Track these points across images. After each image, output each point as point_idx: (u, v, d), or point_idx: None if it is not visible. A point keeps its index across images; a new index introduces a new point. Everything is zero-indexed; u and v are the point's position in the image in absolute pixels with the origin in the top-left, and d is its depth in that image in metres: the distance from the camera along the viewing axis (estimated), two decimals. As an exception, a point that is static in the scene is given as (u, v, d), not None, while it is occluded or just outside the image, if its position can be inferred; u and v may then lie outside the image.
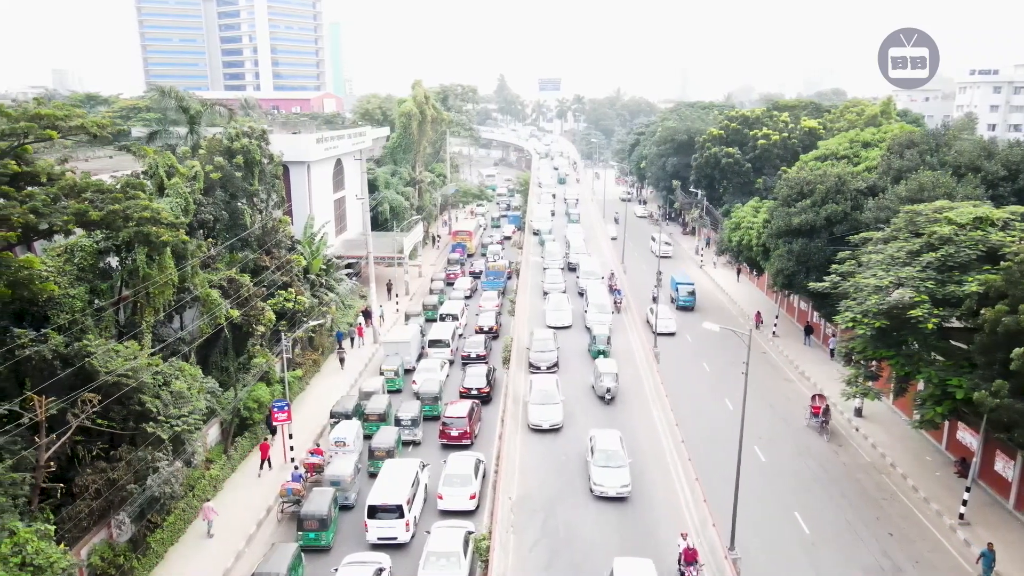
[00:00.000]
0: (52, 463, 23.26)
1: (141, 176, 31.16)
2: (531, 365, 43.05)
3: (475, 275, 67.55)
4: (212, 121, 45.62)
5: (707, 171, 65.06)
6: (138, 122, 75.57)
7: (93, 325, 28.54)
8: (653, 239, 76.65)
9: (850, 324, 28.72)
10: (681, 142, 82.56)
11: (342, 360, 45.36)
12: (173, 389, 27.31)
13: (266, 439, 34.41)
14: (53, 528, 19.90)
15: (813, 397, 37.82)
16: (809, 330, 50.40)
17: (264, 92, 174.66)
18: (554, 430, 35.76)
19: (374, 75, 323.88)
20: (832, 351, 47.66)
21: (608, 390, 38.39)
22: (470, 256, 77.14)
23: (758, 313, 53.56)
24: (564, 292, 57.96)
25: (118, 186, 22.34)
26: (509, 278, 65.35)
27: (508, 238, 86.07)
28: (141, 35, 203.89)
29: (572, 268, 66.81)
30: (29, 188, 21.36)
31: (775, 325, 51.68)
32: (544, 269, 65.67)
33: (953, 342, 27.40)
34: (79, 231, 26.29)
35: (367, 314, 51.97)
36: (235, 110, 45.83)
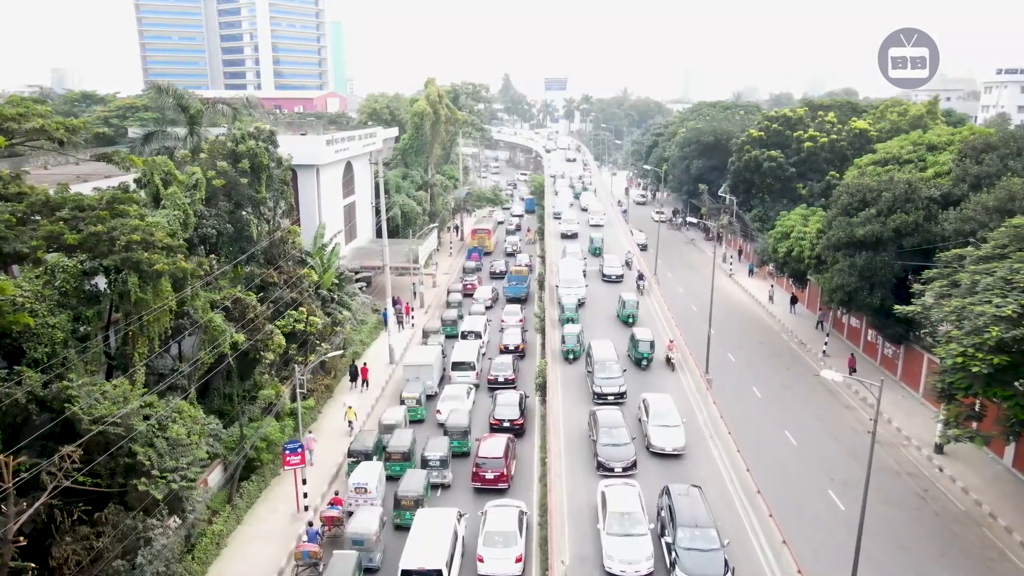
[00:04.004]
0: (22, 537, 19.17)
1: (134, 185, 27.06)
2: (600, 466, 28.39)
3: (497, 275, 66.58)
4: (214, 121, 41.57)
5: (746, 175, 60.73)
6: (135, 122, 71.65)
7: (77, 359, 24.53)
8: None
9: (959, 360, 24.57)
10: (707, 144, 78.43)
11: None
12: (170, 435, 23.27)
13: (364, 365, 41.44)
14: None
15: None
16: (794, 300, 55.68)
17: (265, 91, 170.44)
18: None
19: (376, 75, 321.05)
20: (820, 322, 51.01)
21: None
22: (487, 255, 75.28)
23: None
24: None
25: (103, 201, 18.21)
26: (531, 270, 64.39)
27: (525, 233, 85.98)
28: (139, 33, 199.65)
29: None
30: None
31: (825, 344, 47.56)
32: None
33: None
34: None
35: (395, 301, 51.28)
36: (239, 109, 41.64)
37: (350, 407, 36.63)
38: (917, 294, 31.49)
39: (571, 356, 39.02)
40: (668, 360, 38.24)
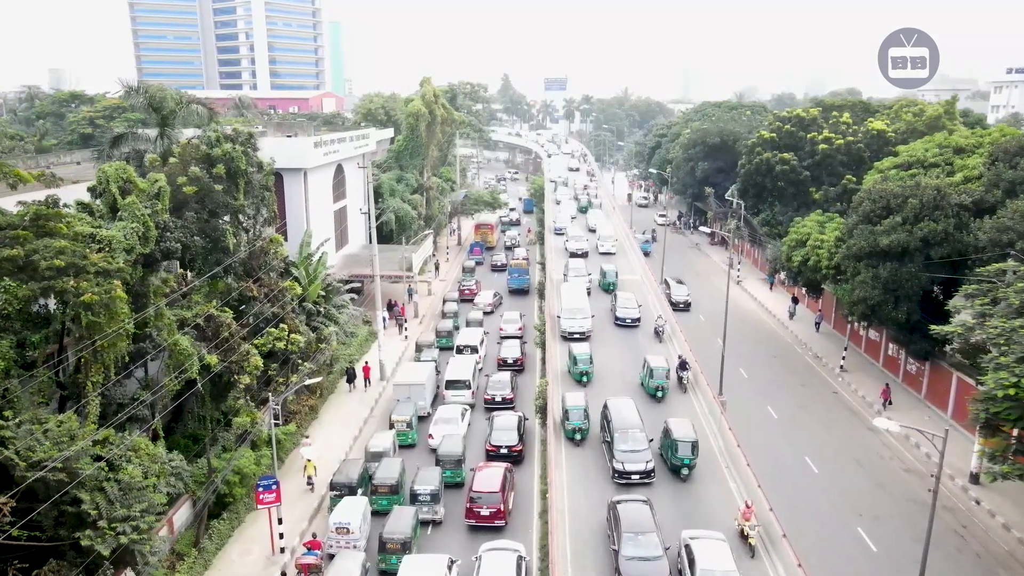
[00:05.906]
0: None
1: (90, 194, 24.37)
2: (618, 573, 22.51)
3: (498, 268, 69.11)
4: (196, 123, 38.84)
5: (756, 178, 57.76)
6: (122, 122, 68.88)
7: (22, 390, 21.84)
8: None
9: (1011, 391, 21.88)
10: (713, 145, 75.60)
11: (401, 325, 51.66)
12: (123, 478, 20.57)
13: (366, 364, 42.08)
14: None
15: None
16: (795, 300, 54.46)
17: (261, 91, 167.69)
18: None
19: (375, 75, 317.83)
20: (818, 324, 50.81)
21: None
22: (489, 249, 76.41)
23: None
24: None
25: (26, 218, 15.50)
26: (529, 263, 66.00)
27: (526, 233, 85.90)
28: (134, 32, 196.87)
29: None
30: None
31: (843, 358, 44.84)
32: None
33: None
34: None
35: (391, 306, 52.75)
36: (215, 109, 38.91)
37: (309, 460, 30.95)
38: (954, 311, 28.82)
39: (578, 436, 31.12)
40: (743, 536, 24.54)
